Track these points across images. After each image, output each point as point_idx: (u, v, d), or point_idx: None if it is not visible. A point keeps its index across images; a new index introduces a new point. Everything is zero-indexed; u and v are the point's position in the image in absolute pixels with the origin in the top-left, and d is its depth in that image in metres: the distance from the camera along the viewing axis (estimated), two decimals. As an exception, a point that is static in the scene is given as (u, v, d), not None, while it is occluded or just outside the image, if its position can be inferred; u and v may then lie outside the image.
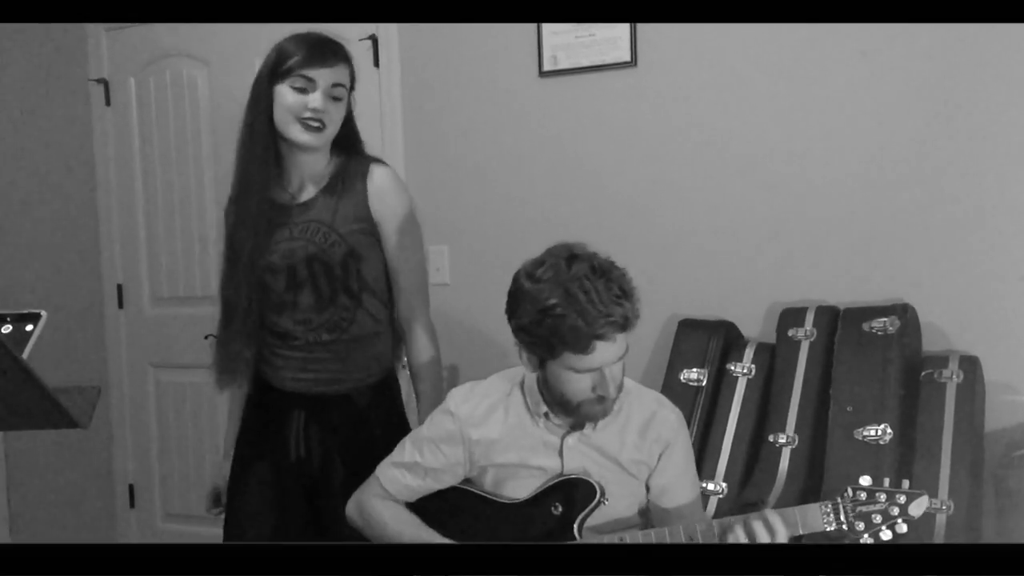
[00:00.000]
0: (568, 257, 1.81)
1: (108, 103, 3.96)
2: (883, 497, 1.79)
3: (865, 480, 1.80)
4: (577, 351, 1.78)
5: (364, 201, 2.28)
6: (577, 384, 1.84)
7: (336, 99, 2.20)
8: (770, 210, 2.91)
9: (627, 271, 1.85)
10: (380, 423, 2.35)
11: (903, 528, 1.77)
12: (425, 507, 2.04)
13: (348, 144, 2.33)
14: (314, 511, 2.28)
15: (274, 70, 2.18)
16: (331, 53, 2.19)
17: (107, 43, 3.94)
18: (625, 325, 1.79)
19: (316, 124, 2.17)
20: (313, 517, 2.27)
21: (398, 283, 2.33)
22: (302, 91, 2.16)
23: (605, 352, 1.79)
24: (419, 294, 2.36)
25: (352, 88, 2.27)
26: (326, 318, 2.25)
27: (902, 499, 1.78)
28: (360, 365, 2.31)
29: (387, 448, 2.23)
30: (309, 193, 2.27)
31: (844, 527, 1.79)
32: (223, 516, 2.37)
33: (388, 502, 2.04)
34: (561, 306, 1.76)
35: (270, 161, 2.23)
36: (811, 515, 1.80)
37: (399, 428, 2.36)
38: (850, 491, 1.80)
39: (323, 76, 2.16)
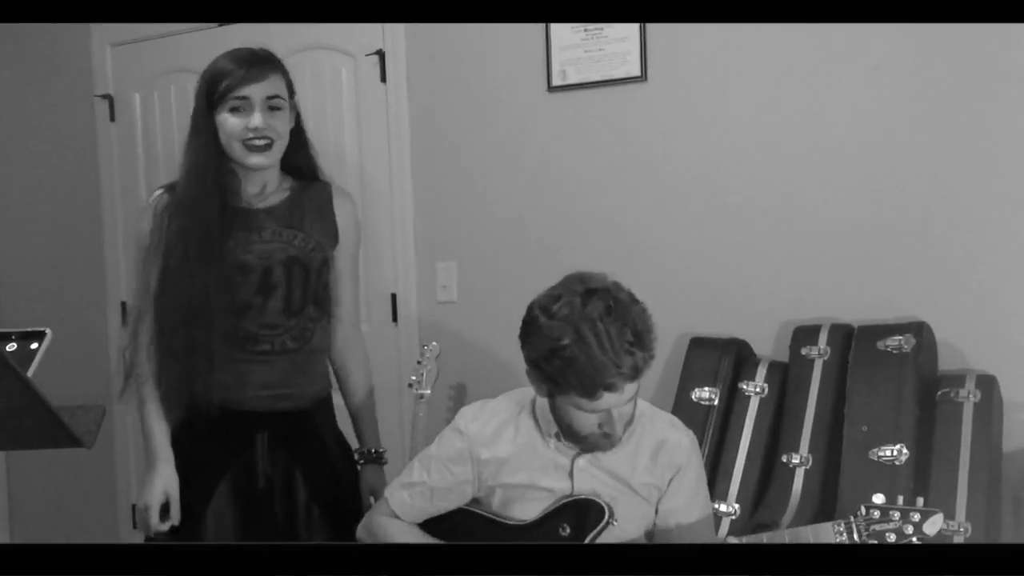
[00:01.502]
0: (584, 293, 1.80)
1: (113, 119, 3.99)
2: (897, 515, 1.79)
3: (878, 498, 1.81)
4: (583, 396, 1.78)
5: (332, 219, 2.34)
6: (584, 420, 1.84)
7: (275, 109, 2.19)
8: (783, 227, 2.91)
9: (646, 307, 1.83)
10: (332, 439, 2.40)
11: None
12: (431, 528, 2.04)
13: (305, 166, 2.34)
14: (280, 535, 2.24)
15: (209, 99, 2.18)
16: (259, 67, 2.18)
17: (112, 59, 3.97)
18: (635, 376, 1.78)
19: (261, 142, 2.18)
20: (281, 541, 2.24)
21: (345, 304, 2.40)
22: (239, 111, 2.16)
23: (612, 400, 1.79)
24: (357, 318, 2.49)
25: (292, 97, 2.26)
26: (293, 325, 2.25)
27: (916, 517, 1.78)
28: (316, 379, 2.34)
29: (341, 465, 2.33)
30: (269, 201, 2.28)
31: None
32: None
33: (396, 520, 2.05)
34: (571, 348, 1.75)
35: (219, 177, 2.21)
36: (824, 534, 1.81)
37: (344, 444, 2.43)
38: (863, 510, 1.81)
39: (256, 91, 2.16)
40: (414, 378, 2.89)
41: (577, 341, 1.75)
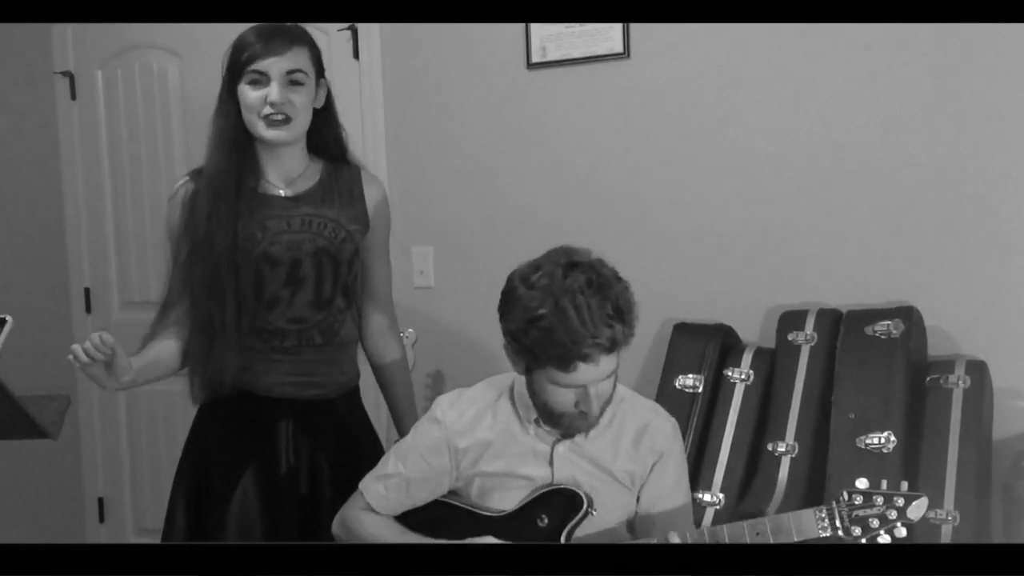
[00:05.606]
0: (567, 265, 1.82)
1: (74, 97, 3.97)
2: (880, 500, 1.80)
3: (862, 483, 1.82)
4: (559, 368, 1.80)
5: (363, 205, 2.35)
6: (560, 397, 1.86)
7: (296, 84, 2.21)
8: (769, 209, 2.93)
9: (629, 285, 1.85)
10: (359, 429, 2.43)
11: (902, 532, 1.79)
12: (408, 522, 2.06)
13: (334, 147, 2.36)
14: (304, 525, 2.28)
15: (231, 69, 2.21)
16: (282, 40, 2.20)
17: (72, 34, 3.94)
18: (612, 348, 1.80)
19: (279, 117, 2.19)
20: (304, 532, 2.27)
21: (380, 290, 2.43)
22: (258, 85, 2.19)
23: (588, 373, 1.81)
24: (391, 303, 2.49)
25: (320, 75, 2.28)
26: (321, 319, 2.28)
27: (900, 501, 1.79)
28: (344, 369, 2.37)
29: (369, 456, 2.28)
30: (297, 188, 2.29)
31: (840, 533, 1.81)
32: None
33: (371, 514, 2.06)
34: (549, 318, 1.77)
35: (242, 153, 2.24)
36: (805, 521, 1.82)
37: (372, 435, 2.45)
38: (846, 495, 1.81)
39: (275, 65, 2.18)
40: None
41: (555, 311, 1.77)
